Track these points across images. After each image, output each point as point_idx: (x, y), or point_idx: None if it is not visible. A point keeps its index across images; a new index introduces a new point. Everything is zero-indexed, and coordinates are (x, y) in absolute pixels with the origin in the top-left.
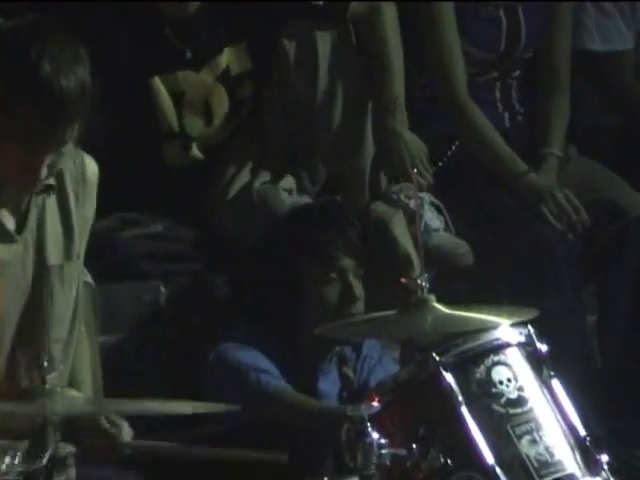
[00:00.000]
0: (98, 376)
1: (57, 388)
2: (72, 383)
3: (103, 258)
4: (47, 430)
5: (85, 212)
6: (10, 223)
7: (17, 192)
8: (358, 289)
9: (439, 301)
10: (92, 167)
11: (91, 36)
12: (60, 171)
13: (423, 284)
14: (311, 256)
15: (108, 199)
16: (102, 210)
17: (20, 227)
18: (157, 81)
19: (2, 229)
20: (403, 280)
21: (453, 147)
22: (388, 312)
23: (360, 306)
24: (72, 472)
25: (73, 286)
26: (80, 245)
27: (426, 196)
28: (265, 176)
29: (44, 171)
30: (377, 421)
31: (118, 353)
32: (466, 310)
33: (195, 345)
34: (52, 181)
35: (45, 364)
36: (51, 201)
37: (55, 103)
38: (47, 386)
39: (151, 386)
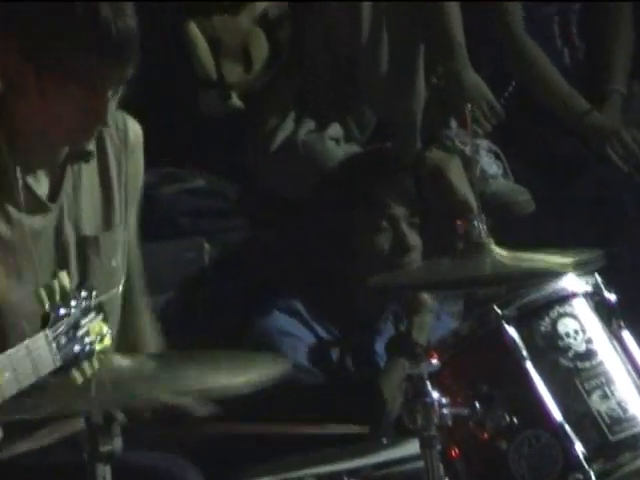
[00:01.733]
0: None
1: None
2: (135, 349)
3: (142, 216)
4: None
5: (130, 177)
6: (42, 190)
7: (70, 142)
8: (411, 238)
9: (498, 245)
10: (136, 130)
11: None
12: (101, 136)
13: (481, 227)
14: (362, 205)
15: (145, 154)
16: None
17: (54, 195)
18: (193, 27)
19: (34, 197)
20: (459, 223)
21: (510, 87)
22: (445, 258)
23: (415, 256)
24: (118, 442)
25: (113, 257)
26: (128, 212)
27: (483, 142)
28: (310, 124)
29: (110, 111)
30: (437, 379)
31: (161, 314)
32: (526, 252)
33: (241, 305)
34: (91, 146)
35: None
36: (89, 168)
37: (115, 42)
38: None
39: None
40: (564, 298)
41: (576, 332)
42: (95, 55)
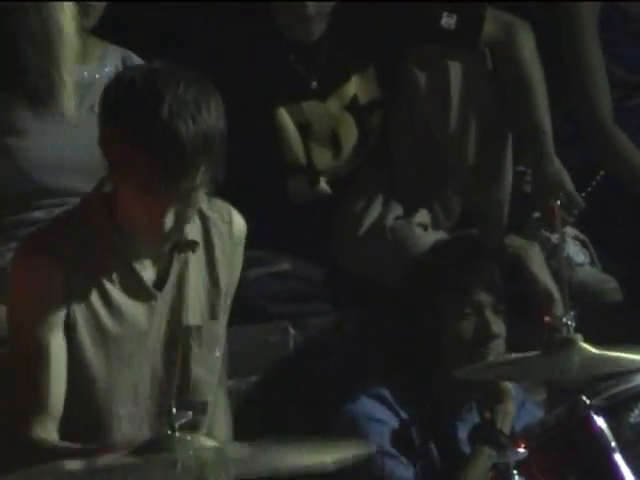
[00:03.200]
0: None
1: (187, 437)
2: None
3: None
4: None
5: (233, 269)
6: (150, 279)
7: (151, 246)
8: (496, 325)
9: (586, 341)
10: (240, 223)
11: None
12: (208, 226)
13: (569, 322)
14: (447, 291)
15: None
16: None
17: (160, 283)
18: (283, 112)
19: (141, 286)
20: (547, 319)
21: (598, 177)
22: (532, 353)
23: (499, 344)
24: None
25: (216, 347)
26: (226, 304)
27: (570, 229)
28: (397, 210)
29: (169, 222)
30: (524, 468)
31: (246, 397)
32: (615, 350)
33: (325, 390)
34: (197, 236)
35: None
36: (196, 257)
37: (172, 150)
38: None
39: (279, 434)
40: None
41: None
42: (150, 163)
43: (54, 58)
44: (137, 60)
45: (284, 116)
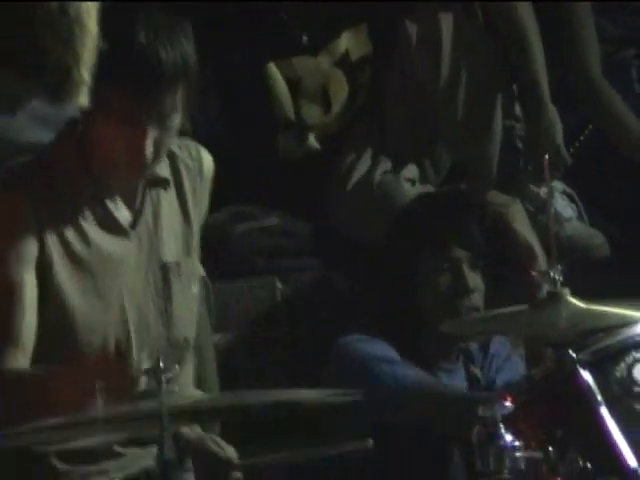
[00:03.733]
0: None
1: (175, 388)
2: (198, 385)
3: (215, 254)
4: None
5: (202, 207)
6: (124, 217)
7: (127, 181)
8: (473, 281)
9: (574, 295)
10: (208, 161)
11: (203, 22)
12: (177, 165)
13: (556, 277)
14: (426, 245)
15: (220, 191)
16: (214, 203)
17: (134, 222)
18: (272, 67)
19: (115, 223)
20: (533, 273)
21: (586, 131)
22: (519, 307)
23: (475, 298)
24: (190, 478)
25: (192, 283)
26: (197, 242)
27: (557, 184)
28: (386, 165)
29: (149, 148)
30: (510, 422)
31: (232, 353)
32: (603, 304)
33: (314, 343)
34: (167, 174)
35: (162, 365)
36: (168, 196)
37: (151, 73)
38: (164, 387)
39: (266, 387)
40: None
41: None
42: (128, 89)
43: (77, 56)
44: None
45: (274, 71)
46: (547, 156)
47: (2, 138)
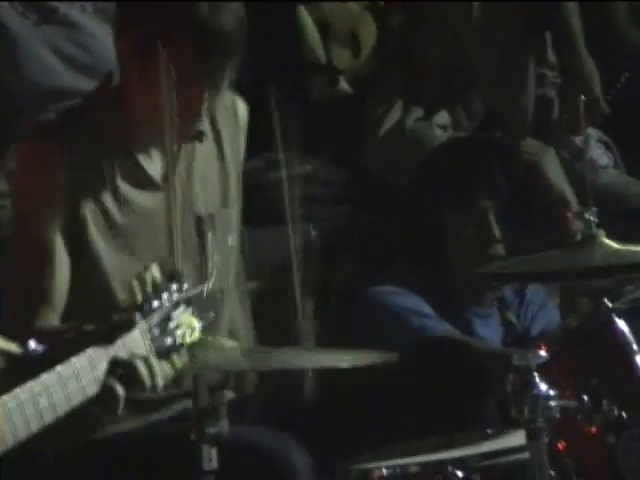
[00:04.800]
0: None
1: (207, 338)
2: (230, 334)
3: (249, 201)
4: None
5: (238, 155)
6: (156, 171)
7: (169, 138)
8: (497, 231)
9: (609, 237)
10: (243, 110)
11: None
12: (214, 116)
13: (591, 219)
14: (452, 196)
15: (253, 138)
16: (247, 150)
17: (166, 175)
18: (302, 11)
19: (147, 178)
20: (568, 214)
21: (622, 78)
22: (552, 251)
23: (499, 248)
24: (224, 424)
25: (229, 235)
26: (237, 191)
27: (593, 132)
28: (418, 112)
29: (204, 112)
30: (545, 371)
31: (265, 300)
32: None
33: (345, 291)
34: (204, 126)
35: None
36: (204, 147)
37: (214, 40)
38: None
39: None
40: None
41: None
42: (189, 51)
43: None
44: None
45: (303, 15)
46: (583, 104)
47: (38, 83)
